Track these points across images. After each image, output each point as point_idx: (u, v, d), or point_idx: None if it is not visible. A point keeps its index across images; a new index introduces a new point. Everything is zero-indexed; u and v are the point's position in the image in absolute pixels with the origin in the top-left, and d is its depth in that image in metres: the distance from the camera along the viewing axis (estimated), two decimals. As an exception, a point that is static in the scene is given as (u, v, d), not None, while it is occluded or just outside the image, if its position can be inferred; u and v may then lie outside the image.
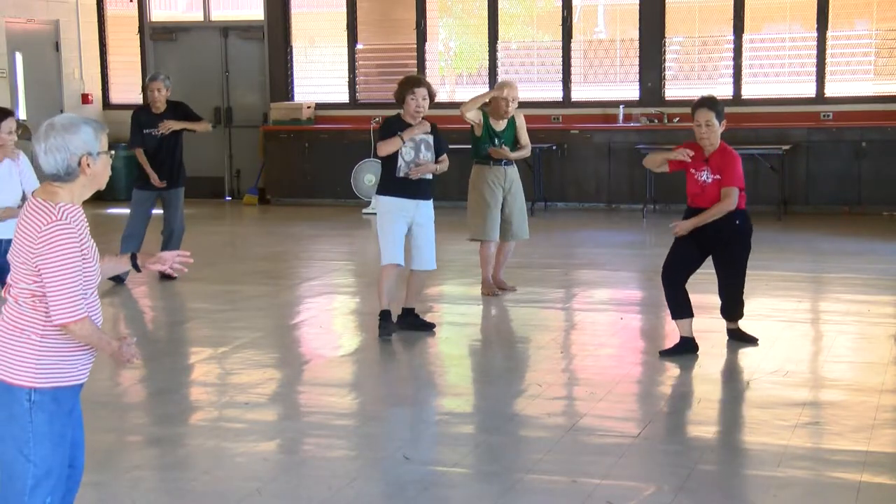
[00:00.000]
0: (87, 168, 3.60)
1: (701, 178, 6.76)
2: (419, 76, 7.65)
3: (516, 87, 8.65)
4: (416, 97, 7.36)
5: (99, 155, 3.64)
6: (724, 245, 6.82)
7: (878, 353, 7.02)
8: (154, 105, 9.50)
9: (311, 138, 14.70)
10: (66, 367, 3.61)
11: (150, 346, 7.73)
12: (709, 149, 6.76)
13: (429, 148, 7.47)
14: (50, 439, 3.58)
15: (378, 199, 7.55)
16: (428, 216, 7.52)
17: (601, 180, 13.81)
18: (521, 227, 8.71)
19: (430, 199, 7.57)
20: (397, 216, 7.39)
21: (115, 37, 15.88)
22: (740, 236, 6.85)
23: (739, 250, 6.88)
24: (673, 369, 6.72)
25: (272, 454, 5.38)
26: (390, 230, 7.40)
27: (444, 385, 6.72)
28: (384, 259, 7.44)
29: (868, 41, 13.69)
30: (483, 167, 8.63)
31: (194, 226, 13.16)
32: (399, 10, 14.82)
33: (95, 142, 3.62)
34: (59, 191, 3.59)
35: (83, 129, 3.60)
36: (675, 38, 14.16)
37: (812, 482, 4.91)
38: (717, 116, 6.69)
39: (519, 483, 4.89)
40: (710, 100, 6.88)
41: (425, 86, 7.41)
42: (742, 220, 6.82)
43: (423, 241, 7.50)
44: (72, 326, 3.51)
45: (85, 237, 3.60)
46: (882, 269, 9.73)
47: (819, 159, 13.04)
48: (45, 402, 3.57)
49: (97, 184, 3.70)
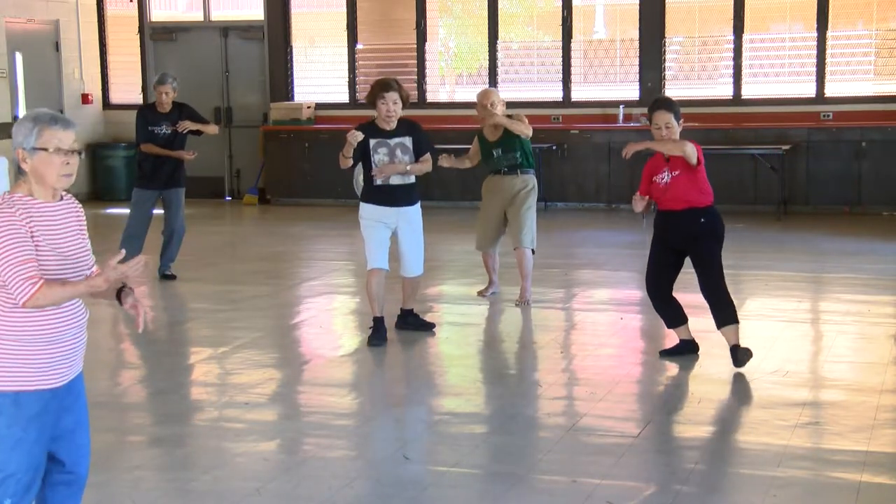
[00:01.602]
0: (24, 163, 3.54)
1: (662, 181, 6.66)
2: (390, 79, 7.35)
3: (493, 92, 8.60)
4: (386, 101, 7.16)
5: (35, 150, 3.53)
6: (695, 241, 6.67)
7: (878, 353, 7.02)
8: (161, 106, 9.54)
9: (311, 138, 14.70)
10: (28, 370, 3.53)
11: (150, 346, 7.73)
12: None
13: (406, 151, 7.25)
14: (8, 443, 3.52)
15: (361, 205, 7.41)
16: (411, 221, 7.35)
17: (601, 180, 13.81)
18: (517, 235, 8.44)
19: (414, 204, 7.39)
20: (377, 223, 7.28)
21: (115, 37, 15.89)
22: (709, 232, 6.67)
23: (711, 244, 6.65)
24: (673, 369, 6.72)
25: (272, 454, 5.38)
26: (370, 237, 7.29)
27: (444, 385, 6.72)
28: (368, 264, 7.35)
29: (868, 41, 13.69)
30: (487, 177, 8.61)
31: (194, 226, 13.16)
32: (399, 10, 14.82)
33: (30, 136, 3.53)
34: (22, 184, 3.60)
35: (23, 123, 3.57)
36: (675, 38, 14.16)
37: (812, 482, 4.91)
38: (675, 117, 6.67)
39: (519, 483, 4.89)
40: (667, 101, 6.88)
41: (396, 89, 7.18)
42: (708, 217, 6.67)
43: (407, 247, 7.37)
44: (37, 298, 3.41)
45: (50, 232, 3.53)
46: (882, 269, 9.73)
47: (819, 159, 13.04)
48: (5, 406, 3.51)
49: (43, 181, 3.57)
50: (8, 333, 3.51)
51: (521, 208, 8.44)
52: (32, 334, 3.53)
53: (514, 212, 8.46)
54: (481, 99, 8.45)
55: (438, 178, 14.21)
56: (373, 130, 7.25)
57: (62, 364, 3.61)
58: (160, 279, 9.61)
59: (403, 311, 7.64)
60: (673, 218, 6.72)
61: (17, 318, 3.51)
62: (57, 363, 3.59)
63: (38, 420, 3.57)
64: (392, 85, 7.21)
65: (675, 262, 6.83)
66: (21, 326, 3.51)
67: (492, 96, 8.46)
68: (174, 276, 9.66)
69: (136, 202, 9.63)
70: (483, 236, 8.62)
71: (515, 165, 8.44)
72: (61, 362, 3.60)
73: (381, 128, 7.25)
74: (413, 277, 7.49)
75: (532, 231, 8.46)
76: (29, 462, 3.57)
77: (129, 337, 7.91)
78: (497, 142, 8.43)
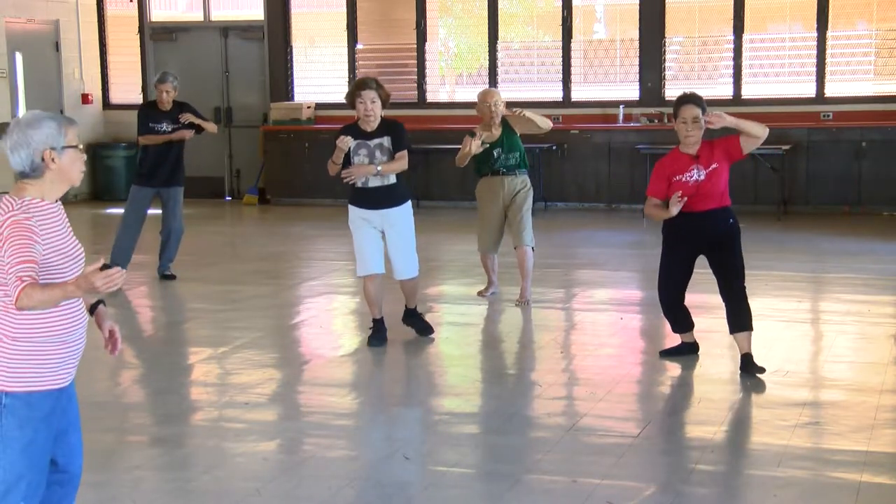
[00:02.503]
0: (52, 163, 3.53)
1: (692, 179, 6.43)
2: (368, 78, 7.16)
3: (494, 92, 8.60)
4: (363, 100, 6.99)
5: (64, 149, 3.55)
6: (722, 243, 6.53)
7: (878, 353, 7.01)
8: (162, 104, 9.53)
9: (311, 138, 14.70)
10: (40, 370, 3.54)
11: (150, 346, 7.73)
12: (694, 146, 6.48)
13: (385, 152, 7.07)
14: (20, 444, 3.52)
15: (349, 207, 7.29)
16: (395, 224, 7.18)
17: (601, 180, 13.82)
18: (518, 234, 8.44)
19: (400, 205, 7.19)
20: (363, 225, 7.17)
21: (115, 37, 15.90)
22: (737, 232, 6.57)
23: (739, 246, 6.55)
24: (673, 369, 6.72)
25: (272, 454, 5.38)
26: (359, 241, 7.21)
27: (444, 385, 6.72)
28: (358, 271, 7.30)
29: (868, 41, 13.69)
30: (482, 179, 8.59)
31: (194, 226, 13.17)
32: (399, 10, 14.82)
33: (59, 136, 3.54)
34: (28, 187, 3.55)
35: (46, 123, 3.54)
36: (675, 38, 14.16)
37: (812, 482, 4.90)
38: (703, 112, 6.42)
39: (519, 483, 4.89)
40: (695, 95, 6.56)
41: (374, 88, 7.00)
42: (734, 216, 6.59)
43: (394, 250, 7.24)
44: (22, 301, 3.38)
45: (56, 232, 3.54)
46: (882, 269, 9.73)
47: (819, 159, 13.04)
48: (17, 407, 3.51)
49: (67, 179, 3.60)
50: (21, 335, 3.52)
51: (523, 208, 8.46)
52: (46, 335, 3.54)
53: (516, 211, 8.46)
54: (484, 98, 8.45)
55: (439, 177, 14.28)
56: (354, 132, 7.12)
57: (70, 363, 3.64)
58: (160, 279, 9.61)
59: (407, 308, 7.56)
60: (700, 219, 6.48)
61: (31, 320, 3.52)
62: (66, 362, 3.61)
63: (46, 421, 3.58)
64: (369, 84, 7.03)
65: (690, 268, 6.68)
66: (35, 328, 3.52)
67: (495, 96, 8.48)
68: (174, 276, 9.65)
69: (133, 199, 9.57)
70: (487, 239, 8.60)
71: (515, 166, 8.45)
72: (69, 361, 3.63)
73: (362, 129, 7.11)
74: (407, 280, 7.35)
75: (532, 229, 8.50)
76: (39, 464, 3.58)
77: (128, 337, 7.90)
78: (497, 142, 8.41)
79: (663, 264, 6.76)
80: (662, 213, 6.49)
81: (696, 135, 6.45)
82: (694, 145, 6.50)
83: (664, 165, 6.55)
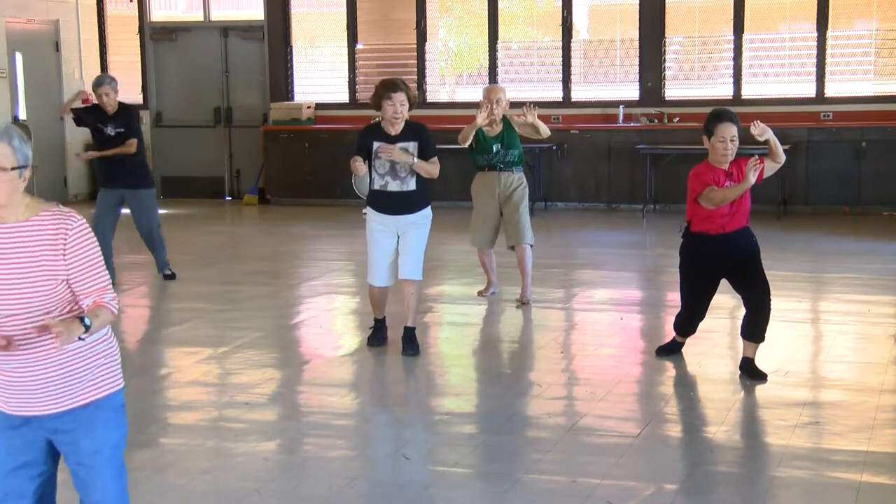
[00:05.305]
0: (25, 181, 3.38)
1: None
2: (396, 79, 6.99)
3: (499, 89, 8.59)
4: (393, 103, 6.82)
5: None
6: (745, 264, 6.42)
7: (878, 353, 7.02)
8: (105, 108, 9.21)
9: (311, 138, 14.71)
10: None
11: (150, 345, 7.73)
12: (725, 163, 6.40)
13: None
14: None
15: (367, 210, 7.19)
16: (411, 229, 7.04)
17: (601, 180, 13.82)
18: (517, 232, 8.46)
19: (417, 212, 7.05)
20: (380, 228, 7.05)
21: (115, 37, 15.90)
22: (758, 248, 6.50)
23: (760, 263, 6.48)
24: (673, 369, 6.72)
25: (272, 454, 5.38)
26: (372, 254, 7.10)
27: (444, 385, 6.72)
28: (368, 278, 7.23)
29: (868, 41, 13.69)
30: (478, 174, 8.59)
31: (194, 226, 13.19)
32: (399, 10, 14.82)
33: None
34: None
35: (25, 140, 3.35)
36: (675, 38, 14.16)
37: (812, 482, 4.91)
38: (739, 129, 6.35)
39: (519, 483, 4.89)
40: (731, 113, 6.44)
41: (403, 90, 6.85)
42: (753, 233, 6.53)
43: (403, 251, 7.08)
44: None
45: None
46: (882, 269, 9.74)
47: (819, 159, 13.05)
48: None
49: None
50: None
51: (520, 206, 8.46)
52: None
53: (512, 209, 8.45)
54: (487, 94, 8.46)
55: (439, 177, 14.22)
56: (377, 134, 6.98)
57: (7, 392, 3.46)
58: (162, 279, 9.62)
59: (406, 328, 7.21)
60: (732, 240, 6.40)
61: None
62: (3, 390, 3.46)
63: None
64: (399, 85, 6.88)
65: (712, 297, 6.62)
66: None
67: (499, 92, 8.49)
68: (174, 276, 9.66)
69: (99, 202, 9.41)
70: (482, 234, 8.60)
71: (512, 163, 8.46)
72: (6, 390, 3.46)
73: (385, 131, 6.96)
74: (410, 281, 7.13)
75: (530, 227, 8.51)
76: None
77: (128, 337, 7.91)
78: (497, 137, 8.42)
79: (690, 290, 6.62)
80: (738, 189, 6.23)
81: (733, 153, 6.37)
82: (727, 163, 6.40)
83: (708, 177, 6.36)
